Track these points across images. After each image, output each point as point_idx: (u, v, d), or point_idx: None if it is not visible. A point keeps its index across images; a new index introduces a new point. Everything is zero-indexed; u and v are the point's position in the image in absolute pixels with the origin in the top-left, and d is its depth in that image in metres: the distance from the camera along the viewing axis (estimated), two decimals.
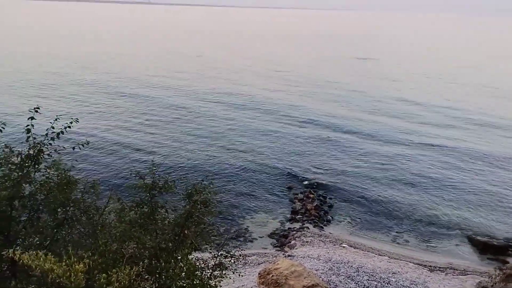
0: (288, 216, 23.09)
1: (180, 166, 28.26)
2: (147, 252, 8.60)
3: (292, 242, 20.20)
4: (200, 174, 26.14)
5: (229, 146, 32.84)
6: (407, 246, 21.11)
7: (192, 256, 9.43)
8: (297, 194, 25.37)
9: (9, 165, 8.95)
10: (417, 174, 28.84)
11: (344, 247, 19.67)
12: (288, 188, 26.25)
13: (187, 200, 9.74)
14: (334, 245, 19.82)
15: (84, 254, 7.90)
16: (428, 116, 43.65)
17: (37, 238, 9.21)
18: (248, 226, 21.88)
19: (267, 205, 24.10)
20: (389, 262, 18.49)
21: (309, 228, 21.72)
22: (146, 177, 9.78)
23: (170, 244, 9.06)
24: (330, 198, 25.16)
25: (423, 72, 73.77)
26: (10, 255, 6.96)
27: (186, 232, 9.03)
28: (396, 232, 22.25)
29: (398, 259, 19.12)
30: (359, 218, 23.26)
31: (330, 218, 23.07)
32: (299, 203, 24.16)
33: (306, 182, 26.91)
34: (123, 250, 7.82)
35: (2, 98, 44.56)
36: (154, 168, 9.79)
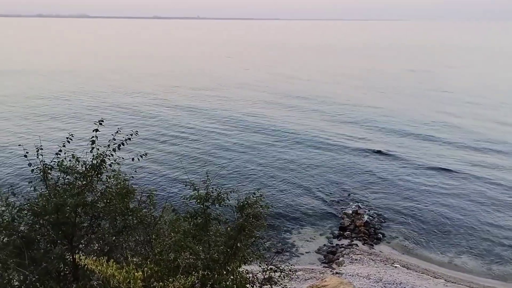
0: (336, 232, 22.78)
1: (232, 178, 28.75)
2: (200, 262, 8.83)
3: (341, 259, 19.90)
4: (251, 186, 26.36)
5: (279, 158, 32.96)
6: (466, 269, 19.99)
7: (242, 269, 9.58)
8: (346, 210, 25.01)
9: (75, 174, 9.52)
10: (477, 193, 27.49)
11: (396, 267, 19.13)
12: (337, 203, 25.94)
13: (239, 212, 9.92)
14: (385, 264, 19.32)
15: (141, 261, 8.24)
16: (486, 133, 41.77)
17: (97, 245, 9.70)
18: (295, 241, 21.78)
19: (314, 220, 23.91)
20: (446, 285, 17.71)
21: (358, 245, 21.31)
22: (200, 188, 10.06)
23: (222, 256, 9.24)
24: (381, 215, 24.59)
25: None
26: (78, 261, 7.33)
27: (238, 245, 9.18)
28: (454, 253, 21.22)
29: (455, 282, 18.22)
30: (412, 237, 22.51)
31: (381, 235, 22.51)
32: (347, 219, 23.80)
33: (355, 198, 26.49)
34: (178, 260, 8.06)
35: (70, 110, 47.22)
36: (208, 180, 10.05)
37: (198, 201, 9.69)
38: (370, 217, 24.14)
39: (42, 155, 9.33)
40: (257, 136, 38.22)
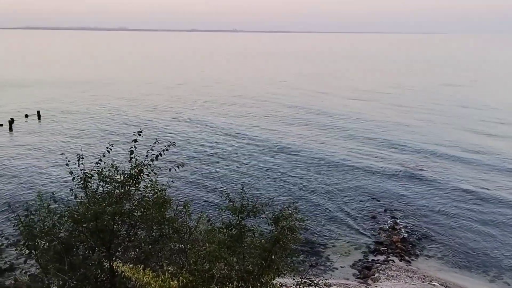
0: (372, 247, 22.27)
1: (268, 191, 28.63)
2: (234, 273, 8.81)
3: (376, 275, 19.41)
4: (286, 200, 26.18)
5: (315, 174, 32.54)
6: None
7: (276, 282, 9.50)
8: (382, 225, 24.45)
9: (114, 183, 9.77)
10: None
11: (434, 285, 18.49)
12: (372, 218, 25.40)
13: (274, 225, 9.87)
14: (423, 282, 18.70)
15: (176, 271, 8.31)
16: None
17: (134, 253, 9.88)
18: (329, 255, 21.43)
19: (349, 234, 23.49)
20: None
21: (394, 262, 20.73)
22: (235, 200, 10.08)
23: (256, 268, 9.20)
24: (418, 231, 23.88)
25: None
26: (115, 268, 7.46)
27: (273, 257, 9.12)
28: (496, 272, 20.30)
29: None
30: (451, 254, 21.70)
31: (418, 252, 21.84)
32: (384, 234, 23.25)
33: (391, 214, 25.89)
34: (213, 270, 8.07)
35: (112, 121, 48.67)
36: (243, 192, 10.07)
37: (233, 212, 9.71)
38: (407, 233, 23.50)
39: (83, 164, 9.62)
40: (293, 154, 37.52)
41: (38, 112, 50.35)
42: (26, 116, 49.86)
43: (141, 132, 10.18)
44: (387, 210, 26.38)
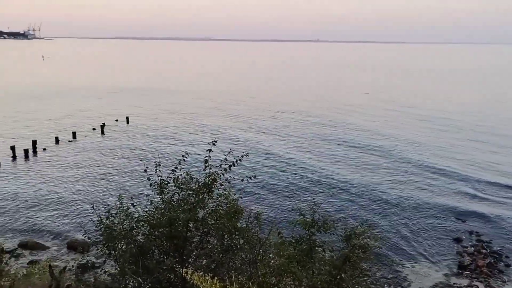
0: (454, 270, 20.79)
1: (340, 206, 27.74)
2: None
3: None
4: (360, 215, 25.38)
5: (392, 188, 31.25)
6: None
7: None
8: (466, 248, 22.74)
9: (188, 191, 10.05)
10: None
11: None
12: (456, 240, 23.72)
13: (345, 242, 9.56)
14: None
15: (244, 282, 8.31)
16: None
17: (205, 260, 10.06)
18: (407, 275, 20.33)
19: (430, 255, 22.12)
20: None
21: (478, 287, 19.22)
22: (306, 214, 9.91)
23: (325, 285, 8.94)
24: (507, 256, 21.94)
25: None
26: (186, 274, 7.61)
27: (342, 275, 8.81)
28: None
29: None
30: None
31: (506, 279, 20.05)
32: (468, 258, 21.61)
33: (478, 235, 24.04)
34: (281, 284, 7.97)
35: (188, 128, 50.70)
36: (315, 206, 9.87)
37: (304, 226, 9.55)
38: (495, 258, 21.65)
39: (160, 171, 9.99)
40: (372, 168, 35.95)
41: (127, 117, 53.69)
42: (116, 120, 53.39)
43: (215, 142, 10.38)
44: (473, 232, 24.51)
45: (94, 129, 48.77)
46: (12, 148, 38.29)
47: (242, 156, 10.25)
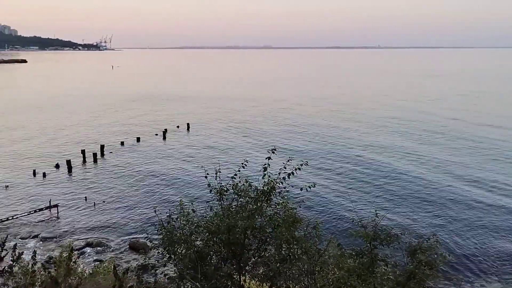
0: None
1: (405, 217, 26.69)
2: None
3: None
4: (424, 229, 24.16)
5: (462, 199, 29.52)
6: None
7: None
8: None
9: (247, 198, 9.98)
10: None
11: None
12: None
13: (409, 257, 9.08)
14: None
15: None
16: None
17: (262, 269, 9.93)
18: None
19: (502, 274, 20.62)
20: None
21: None
22: (367, 226, 9.52)
23: None
24: None
25: None
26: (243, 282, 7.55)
27: None
28: None
29: None
30: None
31: None
32: None
33: None
34: None
35: (247, 135, 51.17)
36: (377, 219, 9.46)
37: (365, 239, 9.17)
38: None
39: (219, 177, 10.03)
40: (444, 184, 33.37)
41: (188, 124, 55.17)
42: (178, 127, 55.01)
43: (275, 149, 10.25)
44: None
45: (156, 134, 50.58)
46: (83, 152, 40.55)
47: (301, 165, 10.02)
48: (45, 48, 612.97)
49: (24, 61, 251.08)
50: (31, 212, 27.13)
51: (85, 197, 30.38)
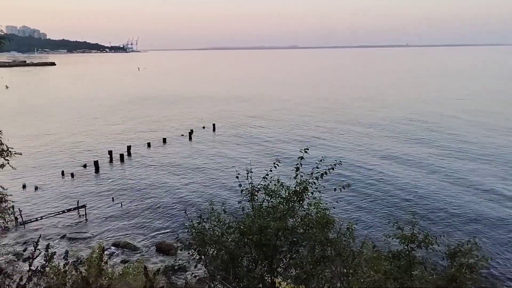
0: None
1: (442, 220, 25.73)
2: None
3: None
4: (463, 232, 23.33)
5: (500, 203, 28.37)
6: None
7: None
8: None
9: (278, 198, 9.79)
10: None
11: None
12: None
13: (449, 260, 8.73)
14: None
15: None
16: None
17: (295, 271, 9.71)
18: None
19: None
20: None
21: None
22: (404, 227, 9.21)
23: None
24: None
25: None
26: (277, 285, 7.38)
27: None
28: None
29: None
30: None
31: None
32: None
33: None
34: None
35: (276, 136, 50.90)
36: (414, 219, 9.14)
37: (402, 241, 8.86)
38: None
39: (251, 177, 9.86)
40: (480, 188, 31.69)
41: (214, 124, 55.31)
42: (203, 127, 55.22)
43: (307, 149, 10.02)
44: None
45: (182, 135, 50.88)
46: (110, 152, 41.11)
47: (335, 165, 9.78)
48: (73, 51, 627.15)
49: (53, 63, 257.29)
50: (60, 212, 27.59)
51: (112, 198, 30.71)
